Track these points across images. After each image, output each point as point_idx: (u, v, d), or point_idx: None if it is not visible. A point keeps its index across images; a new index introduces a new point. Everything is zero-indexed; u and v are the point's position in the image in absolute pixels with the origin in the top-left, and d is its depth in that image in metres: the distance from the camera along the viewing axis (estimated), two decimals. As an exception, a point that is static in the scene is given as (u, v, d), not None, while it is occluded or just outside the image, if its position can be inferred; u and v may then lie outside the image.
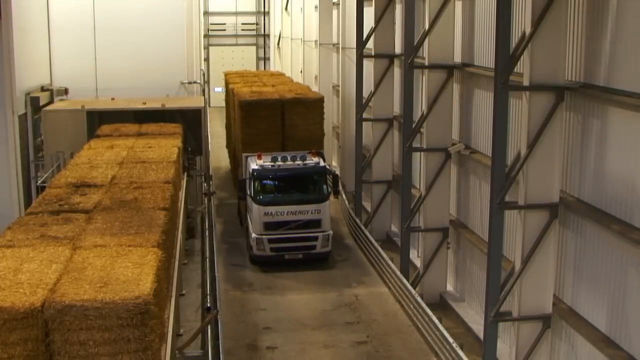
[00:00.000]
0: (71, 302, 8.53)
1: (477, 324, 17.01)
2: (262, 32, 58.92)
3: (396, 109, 24.24)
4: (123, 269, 9.54)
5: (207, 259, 19.39)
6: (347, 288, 20.74)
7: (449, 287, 19.87)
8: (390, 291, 20.15)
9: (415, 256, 21.41)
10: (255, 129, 24.71)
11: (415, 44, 19.29)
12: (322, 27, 33.02)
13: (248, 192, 22.55)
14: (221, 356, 14.27)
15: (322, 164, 22.91)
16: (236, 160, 28.11)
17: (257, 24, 59.65)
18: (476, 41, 17.98)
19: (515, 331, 14.19)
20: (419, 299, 17.86)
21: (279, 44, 50.36)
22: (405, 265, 20.16)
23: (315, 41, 35.22)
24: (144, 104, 24.96)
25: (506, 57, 13.33)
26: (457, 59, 18.89)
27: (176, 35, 29.65)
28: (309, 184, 22.73)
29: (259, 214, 21.94)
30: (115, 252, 10.28)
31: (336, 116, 32.32)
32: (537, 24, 12.97)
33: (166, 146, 18.36)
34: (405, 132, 19.92)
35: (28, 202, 20.86)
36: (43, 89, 27.21)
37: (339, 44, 30.25)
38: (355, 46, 25.16)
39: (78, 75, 28.33)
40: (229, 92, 32.12)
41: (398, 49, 23.64)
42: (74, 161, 16.79)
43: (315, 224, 22.17)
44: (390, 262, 20.46)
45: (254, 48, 59.83)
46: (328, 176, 22.74)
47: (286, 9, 45.96)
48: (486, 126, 17.09)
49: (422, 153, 19.84)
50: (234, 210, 27.78)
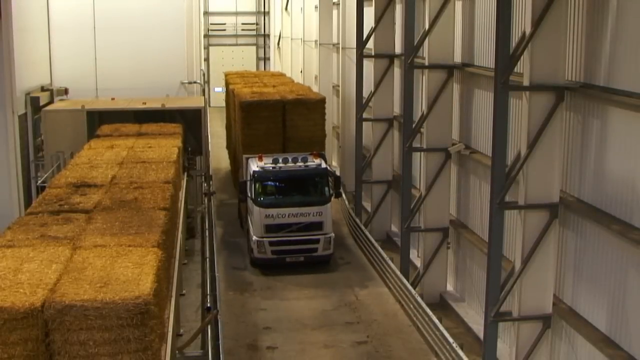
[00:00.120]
0: (71, 302, 8.54)
1: (477, 324, 17.01)
2: (262, 32, 58.91)
3: (396, 109, 24.24)
4: (123, 269, 9.54)
5: (207, 259, 19.38)
6: (347, 288, 20.73)
7: (449, 287, 19.86)
8: (390, 291, 20.15)
9: (415, 256, 21.41)
10: (256, 130, 24.41)
11: (415, 44, 19.29)
12: (322, 27, 32.97)
13: (249, 194, 22.28)
14: (221, 356, 14.26)
15: (324, 165, 22.63)
16: (236, 161, 27.84)
17: (257, 24, 59.65)
18: (476, 41, 17.98)
19: (515, 331, 14.19)
20: (419, 299, 17.85)
21: (279, 44, 50.34)
22: (405, 265, 20.16)
23: (315, 41, 35.19)
24: (144, 104, 24.95)
25: (506, 57, 13.33)
26: (457, 59, 18.89)
27: (176, 35, 29.64)
28: (310, 186, 22.45)
29: (259, 216, 21.71)
30: (115, 252, 10.28)
31: (336, 116, 32.32)
32: (537, 24, 12.97)
33: (166, 146, 18.37)
34: (405, 132, 19.92)
35: (28, 202, 20.85)
36: (43, 89, 27.22)
37: (339, 44, 30.24)
38: (355, 46, 25.15)
39: (78, 75, 28.33)
40: (229, 92, 31.85)
41: (398, 49, 23.63)
42: (74, 161, 16.80)
43: (317, 226, 21.92)
44: (390, 262, 20.45)
45: (254, 48, 59.82)
46: (330, 178, 22.49)
47: (286, 9, 45.94)
48: (486, 126, 17.09)
49: (422, 153, 19.83)
50: (234, 210, 27.73)
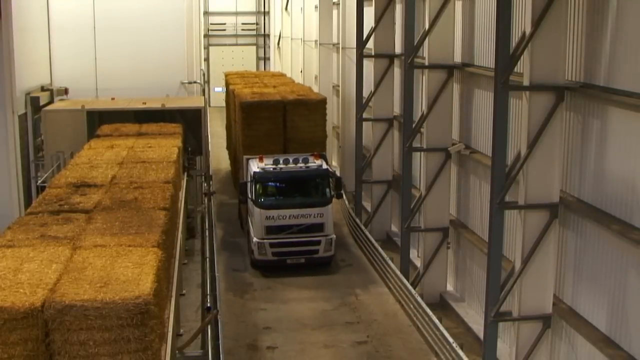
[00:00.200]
0: (71, 302, 8.54)
1: (477, 324, 17.01)
2: (262, 32, 58.91)
3: (396, 109, 24.24)
4: (123, 269, 9.54)
5: (207, 259, 19.38)
6: (348, 288, 20.73)
7: (449, 287, 19.86)
8: (391, 291, 20.15)
9: (416, 256, 21.41)
10: (256, 131, 24.19)
11: (416, 44, 19.29)
12: (322, 27, 32.97)
13: (249, 196, 22.08)
14: (221, 356, 14.26)
15: (325, 166, 22.41)
16: (237, 162, 27.66)
17: (257, 24, 59.65)
18: (476, 41, 17.98)
19: (515, 331, 14.19)
20: (419, 298, 17.85)
21: (279, 44, 50.34)
22: (406, 265, 20.16)
23: (315, 41, 35.19)
24: (144, 104, 24.95)
25: (506, 57, 13.33)
26: (457, 59, 18.89)
27: (176, 35, 29.63)
28: (311, 187, 22.25)
29: (260, 217, 21.54)
30: (115, 252, 10.28)
31: (336, 116, 32.31)
32: (537, 23, 12.97)
33: (166, 146, 18.37)
34: (405, 132, 19.92)
35: (28, 202, 20.85)
36: (43, 88, 27.22)
37: (339, 44, 30.24)
38: (355, 46, 25.15)
39: (78, 75, 28.33)
40: (229, 93, 31.67)
41: (398, 48, 23.63)
42: (74, 161, 16.80)
43: (318, 227, 21.72)
44: (390, 262, 20.45)
45: (254, 48, 59.82)
46: (331, 179, 22.31)
47: (286, 9, 45.93)
48: (486, 126, 17.09)
49: (422, 153, 19.83)
50: (234, 210, 27.69)
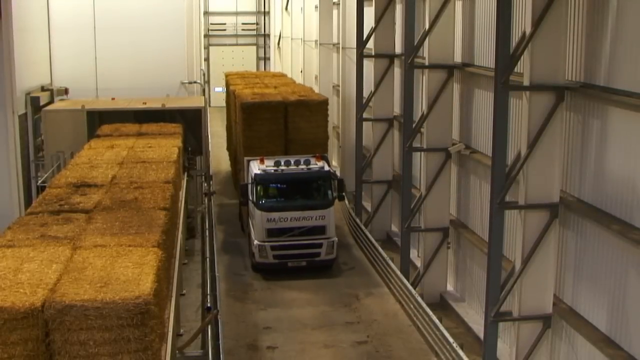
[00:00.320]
0: (71, 302, 8.54)
1: (477, 324, 17.01)
2: (262, 32, 58.93)
3: (396, 109, 24.24)
4: (123, 269, 9.54)
5: (207, 259, 19.38)
6: (348, 288, 20.72)
7: (449, 287, 19.86)
8: (391, 291, 20.15)
9: (416, 256, 21.41)
10: (257, 132, 23.96)
11: (416, 43, 19.29)
12: (323, 27, 32.98)
13: (250, 198, 21.75)
14: (221, 356, 14.26)
15: (327, 168, 22.14)
16: (237, 163, 27.46)
17: (257, 24, 59.67)
18: (476, 41, 17.98)
19: (515, 331, 14.19)
20: (419, 298, 17.85)
21: (279, 44, 50.34)
22: (406, 265, 20.16)
23: (316, 41, 35.20)
24: (144, 104, 24.95)
25: (506, 57, 13.33)
26: (457, 58, 18.89)
27: (176, 35, 29.64)
28: (313, 189, 21.98)
29: (261, 220, 21.25)
30: (115, 252, 10.28)
31: (336, 116, 32.31)
32: (537, 23, 12.97)
33: (166, 146, 18.37)
34: (405, 132, 19.92)
35: (28, 202, 20.86)
36: (43, 88, 27.23)
37: (339, 43, 30.25)
38: (355, 46, 25.15)
39: (78, 75, 28.34)
40: (229, 93, 31.51)
41: (398, 48, 23.63)
42: (74, 161, 16.81)
43: (320, 230, 21.45)
44: (390, 262, 20.45)
45: (254, 48, 59.84)
46: (333, 181, 22.02)
47: (286, 8, 45.95)
48: (486, 126, 17.08)
49: (422, 153, 19.83)
50: (234, 211, 27.65)
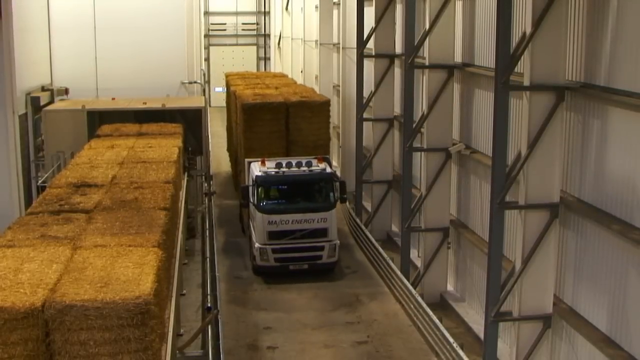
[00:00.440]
0: (71, 302, 8.55)
1: (477, 324, 17.01)
2: (263, 32, 58.93)
3: (396, 109, 24.23)
4: (123, 269, 9.55)
5: (208, 259, 19.38)
6: (348, 288, 20.72)
7: (450, 287, 19.86)
8: (391, 291, 20.14)
9: (416, 256, 21.40)
10: (258, 133, 23.70)
11: (416, 43, 19.28)
12: (323, 27, 32.98)
13: (251, 200, 21.44)
14: (221, 356, 14.27)
15: (329, 170, 21.85)
16: (238, 164, 27.24)
17: (257, 23, 59.66)
18: (476, 41, 17.98)
19: (515, 331, 14.18)
20: (419, 298, 17.85)
21: (279, 44, 50.35)
22: (406, 265, 20.15)
23: (316, 41, 35.20)
24: (145, 104, 24.97)
25: (506, 57, 13.33)
26: (458, 58, 18.89)
27: (176, 35, 29.66)
28: (315, 192, 21.68)
29: (262, 222, 20.95)
30: (115, 252, 10.29)
31: (336, 116, 32.29)
32: (537, 23, 12.97)
33: (166, 146, 18.39)
34: (405, 132, 19.91)
35: (28, 202, 20.87)
36: (43, 88, 27.26)
37: (339, 43, 30.24)
38: (355, 46, 25.15)
39: (78, 75, 28.37)
40: (230, 94, 31.38)
41: (398, 48, 23.63)
42: (74, 161, 16.83)
43: (322, 233, 21.17)
44: (390, 262, 20.44)
45: (254, 48, 59.83)
46: (335, 183, 21.73)
47: (286, 8, 45.96)
48: (486, 126, 17.08)
49: (422, 153, 19.82)
50: (234, 211, 27.60)
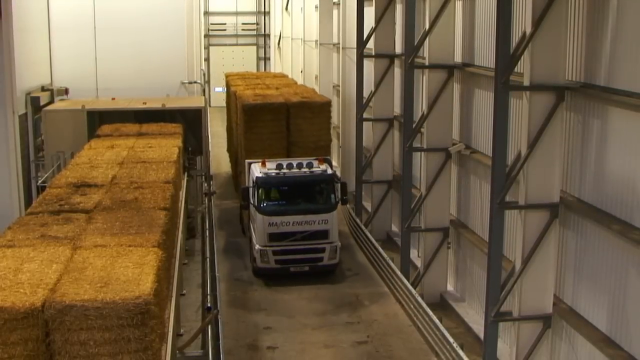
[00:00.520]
0: (71, 302, 8.55)
1: (477, 324, 17.01)
2: (263, 32, 58.95)
3: (396, 109, 24.23)
4: (123, 269, 9.55)
5: (208, 259, 19.38)
6: (348, 289, 20.72)
7: (450, 287, 19.86)
8: (391, 291, 20.14)
9: (416, 256, 21.40)
10: (258, 134, 23.64)
11: (416, 43, 19.28)
12: (323, 27, 32.98)
13: (251, 201, 21.28)
14: (221, 356, 14.26)
15: (330, 171, 21.66)
16: (238, 165, 27.12)
17: (257, 24, 59.68)
18: (476, 41, 17.98)
19: (515, 331, 14.19)
20: (419, 298, 17.85)
21: (279, 44, 50.37)
22: (406, 265, 20.15)
23: (316, 41, 35.21)
24: (145, 104, 24.98)
25: (506, 57, 13.33)
26: (458, 58, 18.89)
27: (176, 35, 29.67)
28: (315, 193, 21.46)
29: (263, 224, 20.76)
30: (115, 252, 10.29)
31: (336, 116, 32.27)
32: (537, 23, 12.97)
33: (166, 146, 18.39)
34: (405, 132, 19.91)
35: (28, 202, 20.86)
36: (43, 88, 27.27)
37: (339, 43, 30.23)
38: (355, 46, 25.14)
39: (78, 75, 28.39)
40: (230, 94, 31.33)
41: (398, 48, 23.63)
42: (74, 161, 16.83)
43: (323, 234, 20.97)
44: (390, 262, 20.44)
45: (254, 48, 59.85)
46: (336, 184, 21.51)
47: (286, 8, 45.97)
48: (486, 126, 17.08)
49: (422, 153, 19.82)
50: (235, 213, 27.51)
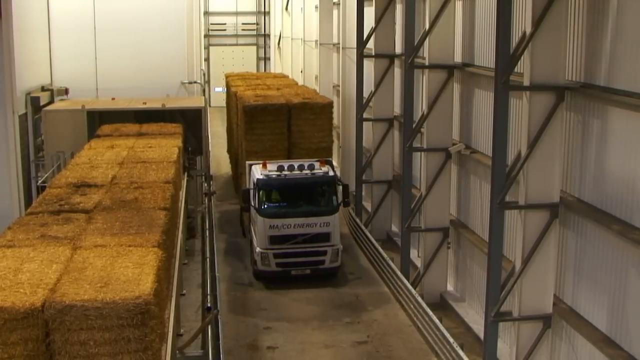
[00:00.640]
0: (71, 302, 8.55)
1: (477, 324, 17.01)
2: (263, 32, 58.94)
3: (396, 109, 24.23)
4: (123, 269, 9.55)
5: (208, 259, 19.38)
6: (348, 289, 20.73)
7: (450, 287, 19.86)
8: (391, 291, 20.15)
9: (416, 256, 21.40)
10: (259, 136, 23.42)
11: (416, 43, 19.28)
12: (323, 27, 32.97)
13: (252, 203, 21.00)
14: (221, 356, 14.26)
15: (331, 173, 21.37)
16: (238, 167, 26.96)
17: (257, 24, 59.67)
18: (476, 41, 17.97)
19: (515, 331, 14.19)
20: (419, 299, 17.85)
21: (279, 44, 50.36)
22: (406, 265, 20.15)
23: (316, 41, 35.20)
24: (145, 104, 24.99)
25: (506, 57, 13.33)
26: (458, 58, 18.88)
27: (177, 35, 29.69)
28: (317, 195, 21.24)
29: (263, 226, 20.48)
30: (115, 252, 10.30)
31: (336, 116, 32.23)
32: (537, 23, 12.97)
33: (166, 146, 18.40)
34: (405, 132, 19.91)
35: (28, 202, 20.88)
36: (43, 88, 27.28)
37: (339, 43, 30.22)
38: (355, 46, 25.14)
39: (78, 75, 28.41)
40: (230, 94, 31.17)
41: (398, 48, 23.62)
42: (74, 161, 16.84)
43: (324, 237, 20.67)
44: (390, 262, 20.44)
45: (254, 48, 59.84)
46: (337, 186, 21.33)
47: (286, 8, 45.97)
48: (486, 126, 17.08)
49: (422, 153, 19.82)
50: (235, 214, 27.44)
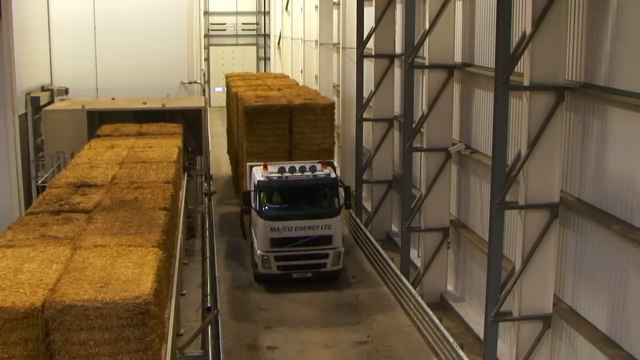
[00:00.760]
0: (71, 302, 8.55)
1: (477, 324, 17.01)
2: (263, 32, 58.92)
3: (396, 109, 24.24)
4: (123, 269, 9.56)
5: (208, 259, 19.38)
6: (348, 289, 20.72)
7: (450, 287, 19.86)
8: (391, 291, 20.15)
9: (416, 256, 21.40)
10: (260, 137, 23.11)
11: (416, 43, 19.28)
12: (323, 27, 32.95)
13: (253, 205, 20.74)
14: (221, 356, 14.26)
15: (333, 175, 21.16)
16: (239, 168, 26.79)
17: (257, 23, 59.65)
18: (476, 41, 17.98)
19: (515, 331, 14.19)
20: (419, 298, 17.84)
21: (279, 44, 50.36)
22: (406, 265, 20.15)
23: (316, 41, 35.19)
24: (144, 104, 24.99)
25: (506, 57, 13.33)
26: (458, 58, 18.89)
27: (176, 35, 29.69)
28: (319, 197, 21.02)
29: (264, 229, 20.23)
30: (115, 252, 10.30)
31: (336, 116, 32.16)
32: (537, 23, 12.97)
33: (166, 146, 18.40)
34: (405, 132, 19.91)
35: (28, 202, 20.88)
36: (43, 88, 27.28)
37: (339, 43, 30.20)
38: (355, 46, 25.14)
39: (78, 75, 28.42)
40: (230, 95, 31.02)
41: (398, 48, 23.63)
42: (74, 161, 16.84)
43: (326, 240, 20.49)
44: (390, 262, 20.44)
45: (254, 48, 59.83)
46: (339, 188, 21.01)
47: (286, 8, 45.95)
48: (486, 126, 17.09)
49: (422, 153, 19.82)
50: (235, 217, 27.38)
